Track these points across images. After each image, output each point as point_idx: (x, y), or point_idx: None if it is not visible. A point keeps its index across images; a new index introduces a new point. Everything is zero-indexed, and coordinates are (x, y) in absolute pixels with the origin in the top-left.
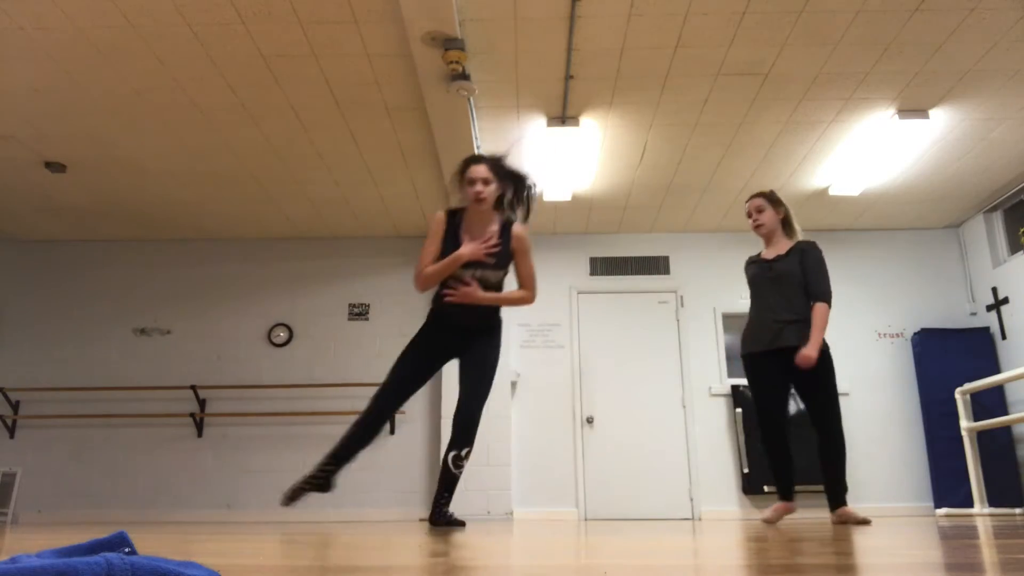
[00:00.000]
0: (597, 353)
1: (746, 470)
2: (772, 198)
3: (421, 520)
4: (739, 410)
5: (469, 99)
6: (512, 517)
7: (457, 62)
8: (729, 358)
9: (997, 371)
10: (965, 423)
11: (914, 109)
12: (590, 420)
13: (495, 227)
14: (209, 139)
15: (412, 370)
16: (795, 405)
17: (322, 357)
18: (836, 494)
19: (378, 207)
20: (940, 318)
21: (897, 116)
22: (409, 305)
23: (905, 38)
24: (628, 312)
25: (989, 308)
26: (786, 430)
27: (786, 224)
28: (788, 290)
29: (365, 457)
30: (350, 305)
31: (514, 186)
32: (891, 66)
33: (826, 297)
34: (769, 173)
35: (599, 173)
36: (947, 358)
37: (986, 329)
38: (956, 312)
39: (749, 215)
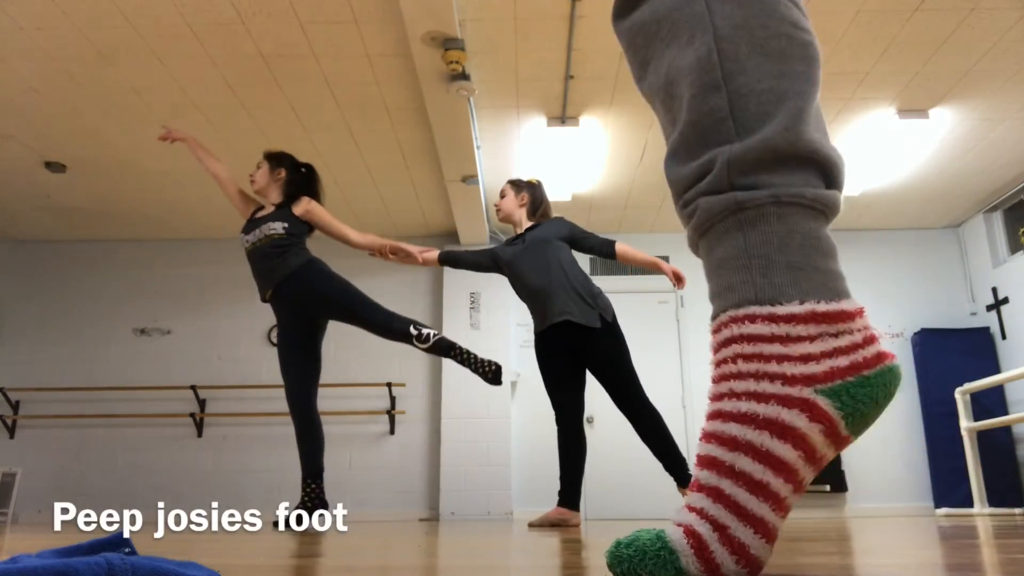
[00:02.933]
0: None
1: None
2: (517, 183)
3: (421, 520)
4: None
5: (469, 99)
6: (512, 517)
7: (457, 62)
8: None
9: (997, 371)
10: (965, 423)
11: (914, 109)
12: (590, 420)
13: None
14: (209, 139)
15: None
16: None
17: (322, 357)
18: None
19: (378, 207)
20: (940, 318)
21: (897, 116)
22: (409, 305)
23: (905, 38)
24: (628, 312)
25: (989, 308)
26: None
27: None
28: None
29: (365, 457)
30: None
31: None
32: (891, 66)
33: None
34: None
35: (599, 173)
36: (947, 358)
37: (986, 329)
38: (956, 312)
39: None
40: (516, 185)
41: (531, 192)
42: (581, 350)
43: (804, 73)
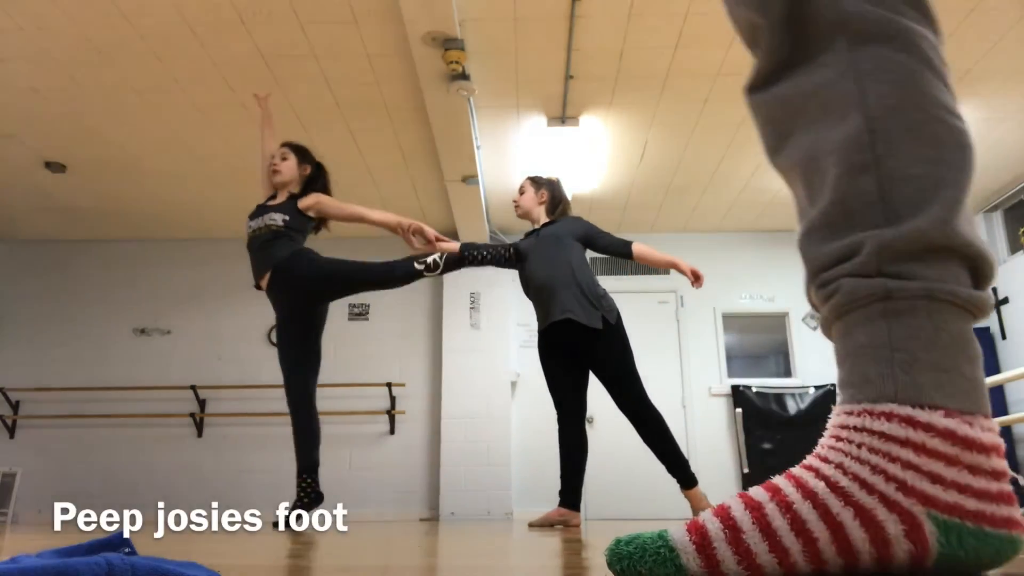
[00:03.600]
0: None
1: (746, 470)
2: (536, 180)
3: (421, 520)
4: (739, 410)
5: (469, 99)
6: (512, 517)
7: (457, 62)
8: (729, 358)
9: (997, 371)
10: None
11: None
12: (590, 420)
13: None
14: (209, 139)
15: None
16: (797, 404)
17: (322, 357)
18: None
19: (378, 207)
20: None
21: None
22: (409, 305)
23: None
24: (628, 312)
25: None
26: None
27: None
28: None
29: (365, 457)
30: (350, 305)
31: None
32: None
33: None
34: (769, 173)
35: (599, 173)
36: None
37: (986, 329)
38: None
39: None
40: (536, 182)
41: (551, 189)
42: (582, 350)
43: (959, 161)
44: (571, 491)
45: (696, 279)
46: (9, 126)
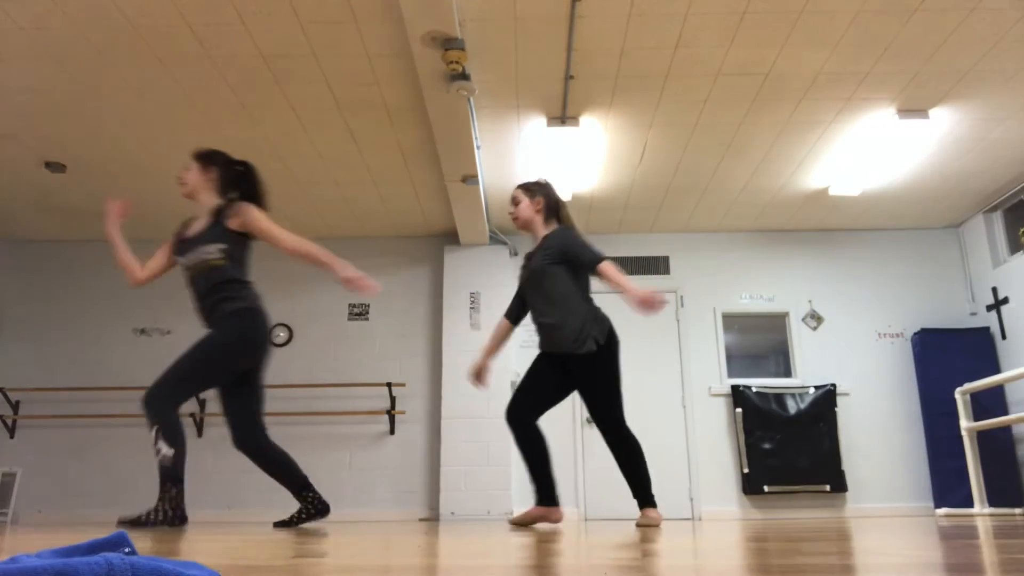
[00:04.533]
0: None
1: (746, 470)
2: (528, 187)
3: (421, 520)
4: (739, 410)
5: (469, 99)
6: (512, 517)
7: (457, 62)
8: (729, 358)
9: (997, 371)
10: (965, 423)
11: (914, 109)
12: (590, 420)
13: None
14: (209, 139)
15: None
16: (797, 404)
17: (322, 357)
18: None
19: (378, 207)
20: (940, 318)
21: (897, 116)
22: (409, 305)
23: (905, 38)
24: (628, 312)
25: (989, 308)
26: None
27: (550, 214)
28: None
29: (365, 457)
30: (350, 305)
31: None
32: (891, 66)
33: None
34: (769, 173)
35: (599, 173)
36: (947, 358)
37: (986, 329)
38: (956, 312)
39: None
40: (528, 189)
41: (545, 194)
42: (571, 372)
43: None
44: (544, 489)
45: (644, 305)
46: (9, 126)
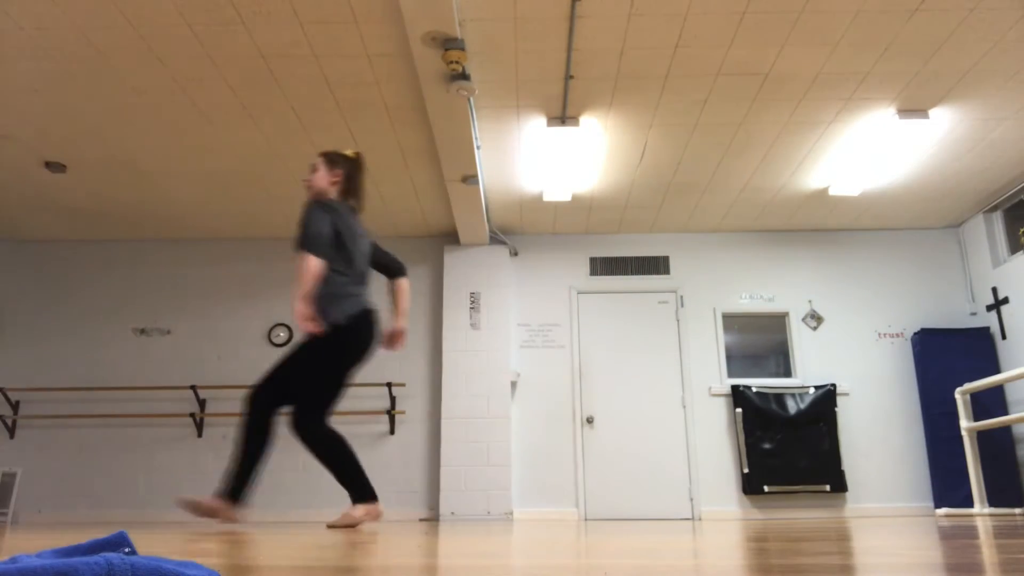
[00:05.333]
0: (597, 353)
1: (746, 470)
2: (331, 158)
3: (421, 520)
4: (739, 410)
5: (469, 99)
6: (512, 517)
7: (457, 62)
8: (729, 358)
9: (997, 371)
10: (965, 423)
11: (914, 109)
12: (590, 420)
13: None
14: (209, 139)
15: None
16: (797, 404)
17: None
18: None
19: (378, 207)
20: (940, 318)
21: (897, 116)
22: (409, 305)
23: (905, 38)
24: (628, 312)
25: (989, 308)
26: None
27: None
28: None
29: (365, 457)
30: None
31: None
32: (891, 66)
33: (303, 247)
34: (769, 173)
35: (599, 173)
36: (947, 358)
37: (986, 329)
38: (956, 312)
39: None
40: (331, 160)
41: (346, 168)
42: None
43: None
44: (357, 486)
45: (296, 315)
46: (9, 126)
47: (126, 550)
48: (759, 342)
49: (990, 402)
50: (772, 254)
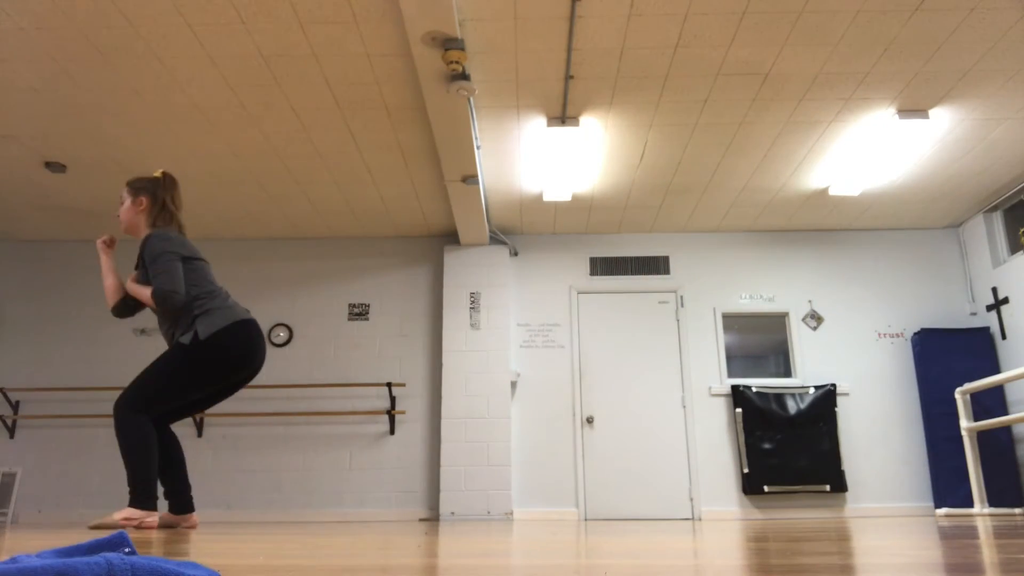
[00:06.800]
0: (597, 353)
1: (746, 470)
2: (134, 186)
3: (421, 520)
4: (739, 410)
5: (469, 99)
6: (512, 517)
7: (457, 62)
8: (729, 358)
9: (997, 371)
10: (965, 423)
11: (914, 109)
12: (590, 420)
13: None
14: (209, 139)
15: None
16: (797, 404)
17: (322, 357)
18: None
19: (378, 207)
20: (940, 318)
21: (897, 116)
22: (409, 305)
23: (905, 38)
24: (628, 312)
25: (989, 308)
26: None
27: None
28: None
29: (365, 457)
30: (350, 305)
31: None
32: (891, 66)
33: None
34: (769, 173)
35: (599, 173)
36: (947, 358)
37: (986, 329)
38: (956, 312)
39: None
40: (133, 189)
41: (150, 193)
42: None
43: None
44: (140, 490)
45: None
46: (9, 126)
47: (126, 550)
48: (759, 342)
49: (990, 402)
50: (772, 254)
